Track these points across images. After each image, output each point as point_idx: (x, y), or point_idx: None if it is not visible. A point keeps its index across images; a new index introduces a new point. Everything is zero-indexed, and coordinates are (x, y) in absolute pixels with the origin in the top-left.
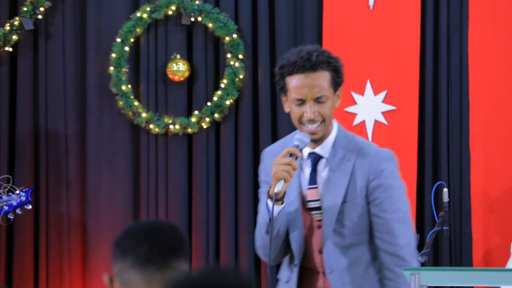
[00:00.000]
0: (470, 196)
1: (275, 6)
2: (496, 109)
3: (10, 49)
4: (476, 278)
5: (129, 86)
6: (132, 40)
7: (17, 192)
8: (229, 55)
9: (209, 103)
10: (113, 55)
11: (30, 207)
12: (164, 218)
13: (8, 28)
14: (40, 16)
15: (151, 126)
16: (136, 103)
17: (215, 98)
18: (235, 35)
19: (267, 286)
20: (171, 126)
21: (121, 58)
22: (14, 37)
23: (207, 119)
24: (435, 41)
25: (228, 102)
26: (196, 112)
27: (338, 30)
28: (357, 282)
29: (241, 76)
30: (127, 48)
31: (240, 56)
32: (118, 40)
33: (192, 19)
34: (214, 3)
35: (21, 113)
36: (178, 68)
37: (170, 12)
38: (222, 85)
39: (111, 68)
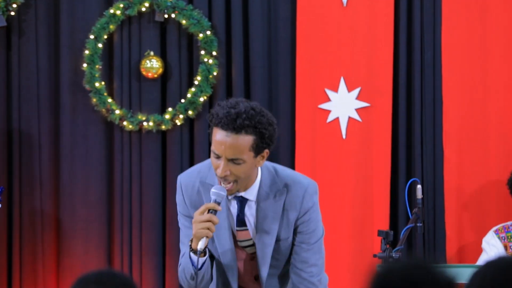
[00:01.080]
0: (443, 192)
1: (248, 3)
2: (469, 106)
3: None
4: None
5: (103, 83)
6: (105, 37)
7: None
8: (202, 52)
9: (183, 100)
10: (87, 52)
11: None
12: (138, 216)
13: None
14: (13, 13)
15: (125, 123)
16: (109, 100)
17: (188, 95)
18: (208, 32)
19: None
20: (144, 123)
21: (94, 55)
22: None
23: (181, 116)
24: (409, 38)
25: (202, 99)
26: (170, 109)
27: (311, 27)
28: None
29: (214, 73)
30: (100, 45)
31: (214, 53)
32: (92, 37)
33: (166, 16)
34: (187, 0)
35: None
36: (152, 65)
37: (143, 9)
38: (196, 82)
39: (85, 65)
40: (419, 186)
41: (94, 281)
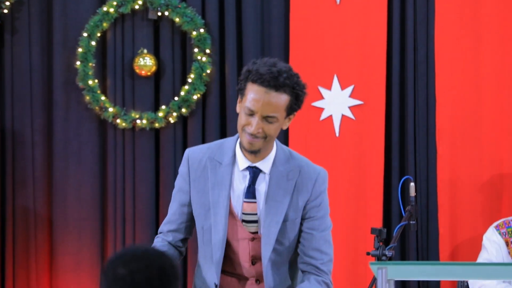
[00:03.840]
0: (436, 190)
1: (242, 1)
2: (462, 103)
3: None
4: (443, 272)
5: (96, 80)
6: (98, 34)
7: None
8: (196, 50)
9: (176, 98)
10: (80, 49)
11: None
12: (131, 213)
13: None
14: (5, 11)
15: (118, 121)
16: (103, 97)
17: (182, 93)
18: (202, 30)
19: None
20: (138, 121)
21: (87, 52)
22: None
23: (174, 114)
24: (402, 36)
25: (195, 97)
26: (163, 107)
27: (305, 25)
28: None
29: (208, 71)
30: (93, 43)
31: (207, 51)
32: (85, 34)
33: (159, 14)
34: None
35: None
36: (145, 63)
37: (136, 7)
38: (189, 80)
39: (78, 63)
40: (412, 184)
41: (139, 257)
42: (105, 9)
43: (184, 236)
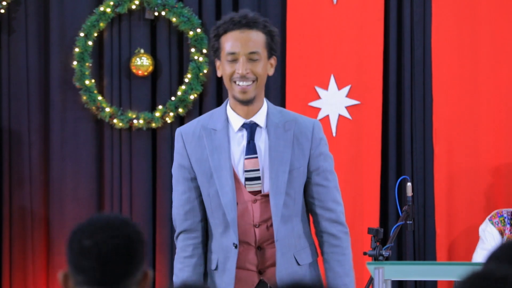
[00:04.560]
0: (433, 190)
1: (239, 0)
2: (459, 103)
3: None
4: (439, 272)
5: (93, 80)
6: (95, 34)
7: None
8: (193, 50)
9: (173, 98)
10: (77, 49)
11: None
12: (125, 215)
13: None
14: (2, 11)
15: (115, 120)
16: (99, 97)
17: (179, 93)
18: (199, 30)
19: None
20: (135, 121)
21: (84, 52)
22: None
23: (171, 114)
24: (399, 36)
25: (192, 97)
26: (160, 107)
27: (302, 25)
28: (292, 254)
29: (205, 71)
30: (90, 43)
31: (204, 51)
32: (82, 34)
33: (156, 14)
34: None
35: None
36: (142, 63)
37: (133, 7)
38: (186, 80)
39: (75, 63)
40: (409, 184)
41: (97, 262)
42: (102, 9)
43: (201, 216)
